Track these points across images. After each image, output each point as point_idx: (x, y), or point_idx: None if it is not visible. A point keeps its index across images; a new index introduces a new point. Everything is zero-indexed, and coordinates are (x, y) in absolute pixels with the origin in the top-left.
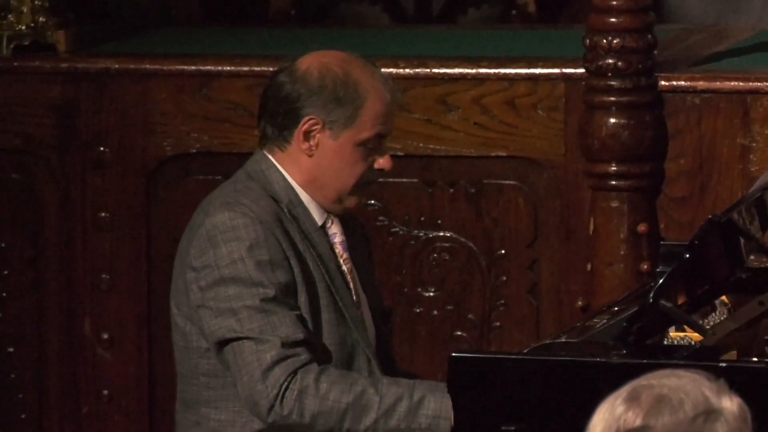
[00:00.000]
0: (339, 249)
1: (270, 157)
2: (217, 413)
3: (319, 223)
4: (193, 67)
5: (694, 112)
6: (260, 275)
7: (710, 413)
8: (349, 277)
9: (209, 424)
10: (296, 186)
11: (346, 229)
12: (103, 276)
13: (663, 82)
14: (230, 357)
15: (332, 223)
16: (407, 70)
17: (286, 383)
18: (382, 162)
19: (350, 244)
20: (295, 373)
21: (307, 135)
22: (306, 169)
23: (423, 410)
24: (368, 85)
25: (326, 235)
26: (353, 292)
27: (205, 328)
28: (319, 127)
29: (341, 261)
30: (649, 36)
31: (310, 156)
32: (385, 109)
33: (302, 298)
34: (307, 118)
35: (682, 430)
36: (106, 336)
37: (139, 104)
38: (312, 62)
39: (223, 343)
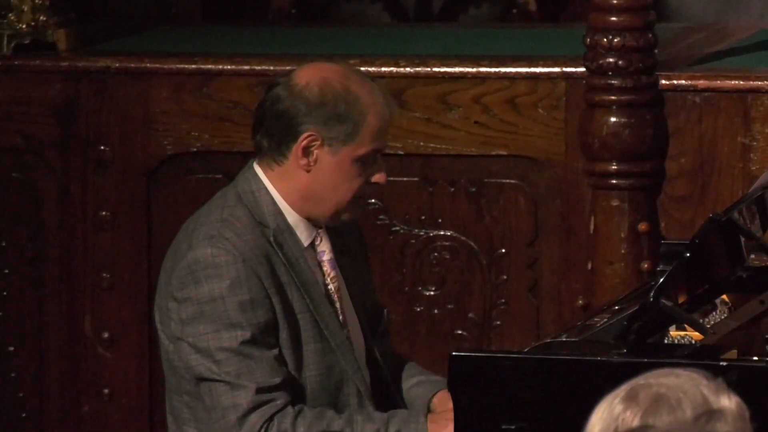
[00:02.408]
0: (327, 267)
1: (262, 175)
2: None
3: (307, 243)
4: (193, 66)
5: (695, 110)
6: (239, 316)
7: (712, 413)
8: (335, 297)
9: None
10: (285, 208)
11: (339, 235)
12: (104, 275)
13: (663, 81)
14: (206, 397)
15: (321, 240)
16: (408, 69)
17: (262, 430)
18: (378, 176)
19: (343, 250)
20: (271, 419)
21: (306, 151)
22: (303, 185)
23: None
24: (368, 100)
25: (315, 252)
26: (339, 312)
27: (183, 360)
28: (318, 143)
29: (328, 280)
30: (650, 35)
31: (308, 171)
32: (383, 124)
33: (284, 334)
34: (306, 134)
35: (682, 429)
36: (106, 335)
37: (139, 103)
38: (311, 77)
39: (200, 380)
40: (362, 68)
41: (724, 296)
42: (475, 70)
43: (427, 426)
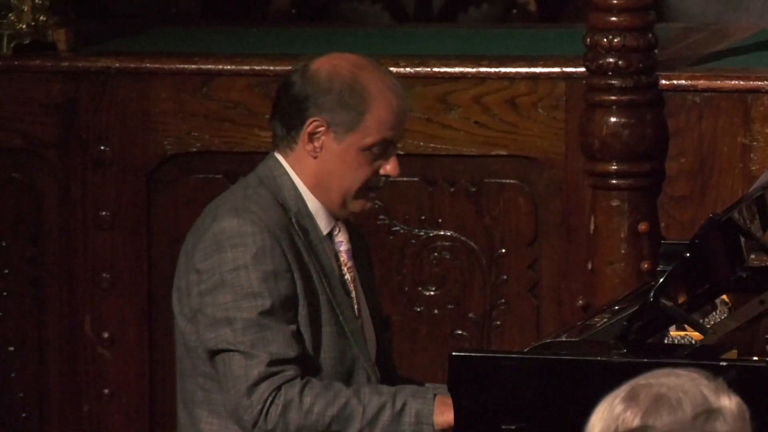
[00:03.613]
0: (344, 257)
1: (282, 161)
2: (209, 416)
3: (326, 231)
4: (193, 66)
5: (695, 110)
6: (261, 286)
7: (711, 413)
8: (351, 286)
9: (201, 426)
10: (306, 194)
11: (351, 238)
12: (104, 275)
13: (663, 81)
14: (220, 367)
15: (339, 231)
16: (408, 69)
17: (270, 398)
18: (389, 168)
19: (354, 254)
20: (279, 388)
21: (312, 136)
22: (312, 171)
23: (405, 417)
24: (375, 90)
25: (332, 243)
26: (355, 301)
27: (200, 334)
28: (323, 129)
29: (345, 269)
30: (650, 35)
31: (315, 158)
32: (391, 115)
33: (303, 311)
34: (311, 120)
35: (683, 429)
36: (106, 335)
37: (139, 103)
38: (323, 64)
39: (215, 352)
40: None
41: (724, 296)
42: (475, 70)
43: (434, 403)
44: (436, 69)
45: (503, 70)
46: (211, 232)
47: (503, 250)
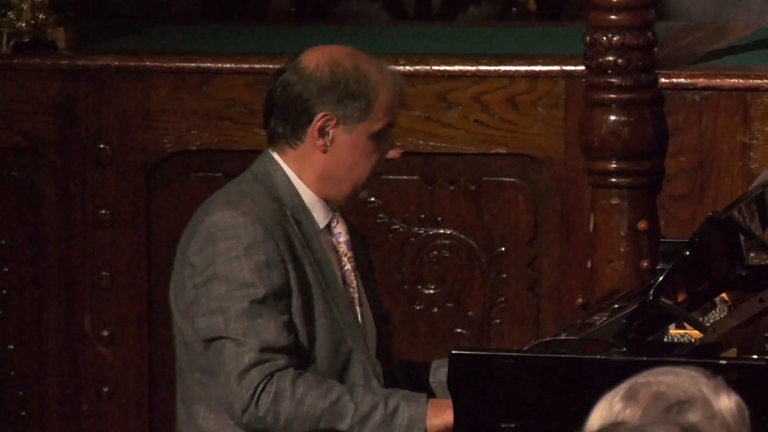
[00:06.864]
0: (343, 248)
1: (278, 158)
2: (207, 412)
3: (323, 224)
4: (193, 65)
5: (694, 109)
6: (254, 276)
7: (683, 403)
8: (352, 276)
9: (199, 421)
10: (302, 189)
11: (350, 234)
12: (103, 273)
13: (663, 80)
14: (213, 356)
15: (337, 222)
16: (407, 68)
17: (261, 385)
18: (393, 152)
19: (353, 247)
20: (271, 375)
21: (322, 131)
22: (320, 166)
23: (397, 419)
24: (378, 77)
25: (331, 235)
26: (355, 291)
27: (194, 325)
28: (333, 122)
29: (345, 260)
30: (650, 33)
31: (325, 152)
32: (394, 99)
33: (297, 303)
34: (320, 115)
35: (655, 421)
36: (106, 333)
37: (139, 101)
38: (320, 59)
39: (208, 341)
40: None
41: (724, 295)
42: (474, 68)
43: (427, 407)
44: (435, 67)
45: (503, 68)
46: (204, 225)
47: (503, 249)
